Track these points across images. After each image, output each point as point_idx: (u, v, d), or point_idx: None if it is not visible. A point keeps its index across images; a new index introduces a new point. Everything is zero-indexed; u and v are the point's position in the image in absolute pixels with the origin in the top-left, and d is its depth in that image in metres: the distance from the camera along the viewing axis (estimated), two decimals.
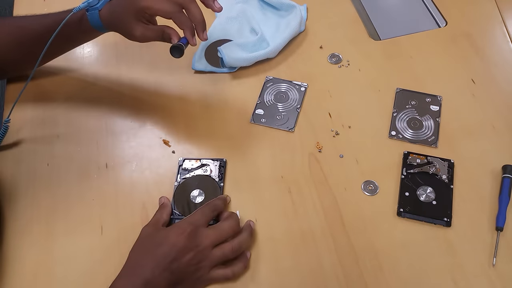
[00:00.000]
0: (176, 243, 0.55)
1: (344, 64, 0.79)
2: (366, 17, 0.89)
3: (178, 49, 0.63)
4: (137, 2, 0.63)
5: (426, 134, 0.70)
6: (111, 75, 0.81)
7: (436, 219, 0.61)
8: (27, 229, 0.63)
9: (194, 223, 0.58)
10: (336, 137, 0.71)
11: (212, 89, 0.78)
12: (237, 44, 0.80)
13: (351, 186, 0.65)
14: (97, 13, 0.66)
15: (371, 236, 0.61)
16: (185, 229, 0.56)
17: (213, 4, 0.66)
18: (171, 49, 0.63)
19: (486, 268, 0.57)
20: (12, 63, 0.73)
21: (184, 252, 0.55)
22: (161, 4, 0.62)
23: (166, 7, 0.62)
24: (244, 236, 0.59)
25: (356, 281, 0.57)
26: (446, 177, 0.65)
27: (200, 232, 0.57)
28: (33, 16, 0.71)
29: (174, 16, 0.63)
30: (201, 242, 0.56)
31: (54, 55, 0.76)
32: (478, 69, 0.77)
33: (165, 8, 0.62)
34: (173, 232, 0.56)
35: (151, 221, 0.61)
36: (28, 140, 0.73)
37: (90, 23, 0.68)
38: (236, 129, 0.73)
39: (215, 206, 0.61)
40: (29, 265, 0.61)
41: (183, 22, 0.63)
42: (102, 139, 0.72)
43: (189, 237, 0.56)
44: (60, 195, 0.67)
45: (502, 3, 0.86)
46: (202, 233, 0.57)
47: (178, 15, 0.63)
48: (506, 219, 0.60)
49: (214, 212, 0.61)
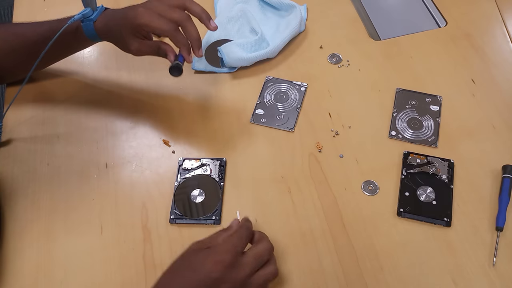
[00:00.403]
0: (212, 272, 0.49)
1: (344, 64, 0.79)
2: (366, 17, 0.89)
3: (177, 68, 0.64)
4: (134, 19, 0.63)
5: (426, 134, 0.70)
6: (111, 76, 0.81)
7: (436, 219, 0.61)
8: (27, 229, 0.64)
9: (232, 251, 0.51)
10: (336, 137, 0.71)
11: (212, 89, 0.78)
12: (237, 44, 0.80)
13: (351, 186, 0.65)
14: (91, 24, 0.67)
15: (371, 236, 0.61)
16: (224, 259, 0.50)
17: (209, 23, 0.66)
18: (170, 69, 0.64)
19: (486, 268, 0.57)
20: (5, 70, 0.73)
21: (218, 283, 0.49)
22: (158, 23, 0.62)
23: (163, 25, 0.62)
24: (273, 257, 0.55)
25: (356, 281, 0.58)
26: (446, 177, 0.65)
27: (239, 261, 0.51)
28: (29, 24, 0.71)
29: (171, 35, 0.63)
30: (239, 274, 0.50)
31: (48, 62, 0.76)
32: (478, 69, 0.77)
33: (162, 27, 0.62)
34: (210, 258, 0.50)
35: (206, 238, 0.55)
36: (28, 140, 0.73)
37: (85, 33, 0.68)
38: (236, 129, 0.73)
39: (249, 229, 0.56)
40: (29, 264, 0.61)
41: (179, 40, 0.63)
42: (102, 139, 0.72)
43: (227, 268, 0.50)
44: (60, 195, 0.67)
45: (502, 3, 0.86)
46: (241, 262, 0.51)
47: (174, 34, 0.63)
48: (506, 219, 0.60)
49: (249, 236, 0.55)
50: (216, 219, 0.63)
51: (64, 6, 0.92)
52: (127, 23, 0.64)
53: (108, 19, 0.67)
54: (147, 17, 0.62)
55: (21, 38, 0.70)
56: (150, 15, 0.62)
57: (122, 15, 0.65)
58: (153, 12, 0.63)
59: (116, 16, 0.66)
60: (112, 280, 0.59)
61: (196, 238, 0.62)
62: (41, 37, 0.68)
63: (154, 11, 0.63)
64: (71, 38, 0.69)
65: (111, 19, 0.66)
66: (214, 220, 0.63)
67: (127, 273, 0.60)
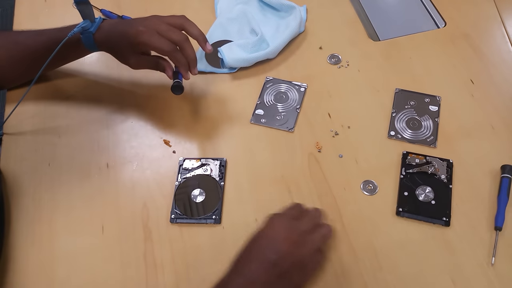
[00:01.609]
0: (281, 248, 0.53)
1: (344, 65, 0.80)
2: (366, 18, 0.90)
3: (178, 87, 0.69)
4: (135, 37, 0.65)
5: (425, 134, 0.70)
6: (112, 76, 0.81)
7: (435, 218, 0.62)
8: (29, 229, 0.64)
9: (302, 233, 0.56)
10: (335, 137, 0.71)
11: (212, 89, 0.78)
12: (237, 45, 0.80)
13: (351, 186, 0.66)
14: (91, 36, 0.68)
15: (370, 236, 0.61)
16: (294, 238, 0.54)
17: (205, 46, 0.69)
18: (172, 88, 0.69)
19: (485, 267, 0.58)
20: (4, 77, 0.74)
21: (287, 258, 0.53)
22: (158, 43, 0.65)
23: (163, 45, 0.65)
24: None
25: (356, 281, 0.58)
26: (445, 177, 0.65)
27: (306, 239, 0.55)
28: (29, 32, 0.72)
29: (171, 55, 0.67)
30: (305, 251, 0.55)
31: (46, 70, 0.75)
32: (477, 70, 0.77)
33: (162, 47, 0.65)
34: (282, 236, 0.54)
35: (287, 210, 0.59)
36: (29, 140, 0.73)
37: (84, 45, 0.69)
38: (236, 129, 0.73)
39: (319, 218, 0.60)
40: (31, 264, 0.61)
41: (179, 60, 0.67)
42: (103, 139, 0.73)
43: (296, 245, 0.54)
44: (61, 195, 0.67)
45: (501, 4, 0.86)
46: (308, 240, 0.55)
47: (174, 54, 0.66)
48: (505, 219, 0.60)
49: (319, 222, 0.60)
50: (216, 219, 0.63)
51: (65, 6, 0.92)
52: (127, 40, 0.66)
53: (108, 32, 0.68)
54: (147, 37, 0.65)
55: (22, 47, 0.71)
56: (151, 34, 0.65)
57: (122, 31, 0.67)
58: (153, 32, 0.65)
59: (116, 30, 0.67)
60: (113, 279, 0.60)
61: (197, 237, 0.62)
62: (41, 47, 0.69)
63: (154, 30, 0.65)
64: (70, 48, 0.70)
65: (111, 33, 0.68)
66: (214, 220, 0.63)
67: (128, 272, 0.60)
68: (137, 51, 0.68)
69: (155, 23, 0.66)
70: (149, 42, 0.65)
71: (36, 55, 0.69)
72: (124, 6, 0.92)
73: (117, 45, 0.68)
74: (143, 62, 0.70)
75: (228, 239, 0.62)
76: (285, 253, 0.53)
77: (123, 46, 0.67)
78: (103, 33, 0.68)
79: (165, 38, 0.65)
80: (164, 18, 0.68)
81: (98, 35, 0.68)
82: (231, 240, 0.62)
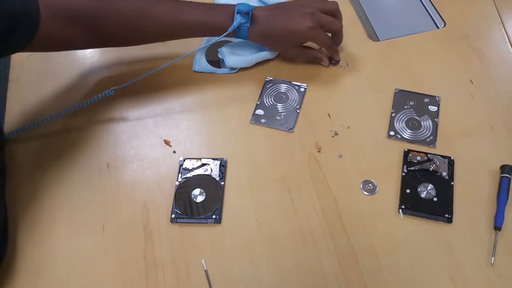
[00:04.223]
0: None
1: (343, 65, 0.80)
2: (365, 18, 0.90)
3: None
4: (304, 34, 0.71)
5: (425, 134, 0.70)
6: (112, 75, 0.81)
7: (438, 215, 0.62)
8: (29, 229, 0.64)
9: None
10: (335, 137, 0.71)
11: (212, 89, 0.78)
12: (237, 45, 0.80)
13: (350, 186, 0.66)
14: (246, 30, 0.71)
15: (370, 236, 0.61)
16: None
17: (334, 56, 0.78)
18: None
19: (484, 267, 0.58)
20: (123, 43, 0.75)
21: None
22: (326, 39, 0.74)
23: (329, 41, 0.74)
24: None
25: (355, 281, 0.58)
26: (446, 174, 0.65)
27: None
28: (167, 5, 0.70)
29: (330, 48, 0.76)
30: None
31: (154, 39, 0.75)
32: (477, 70, 0.78)
33: (328, 43, 0.74)
34: None
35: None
36: (29, 139, 0.73)
37: (235, 35, 0.72)
38: (236, 129, 0.73)
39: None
40: (31, 264, 0.61)
41: (334, 50, 0.77)
42: (103, 139, 0.73)
43: None
44: (61, 195, 0.67)
45: (500, 4, 0.87)
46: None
47: (333, 47, 0.76)
48: (504, 219, 0.60)
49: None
50: (216, 218, 0.63)
51: None
52: (294, 36, 0.72)
53: (265, 27, 0.72)
54: (316, 33, 0.72)
55: (156, 21, 0.69)
56: (318, 30, 0.72)
57: (286, 27, 0.71)
58: (319, 27, 0.71)
59: (277, 26, 0.71)
60: (113, 279, 0.60)
61: (197, 237, 0.63)
62: (181, 26, 0.70)
63: (317, 23, 0.71)
64: (212, 32, 0.71)
65: (270, 30, 0.72)
66: (214, 219, 0.63)
67: (129, 272, 0.60)
68: (301, 44, 0.74)
69: (316, 14, 0.71)
70: (317, 39, 0.72)
71: (173, 31, 0.70)
72: None
73: (278, 39, 0.73)
74: (304, 55, 0.77)
75: (228, 239, 0.62)
76: None
77: (286, 41, 0.72)
78: (259, 27, 0.71)
79: (324, 32, 0.73)
80: (319, 4, 0.73)
81: (253, 29, 0.71)
82: (231, 240, 0.62)
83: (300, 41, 0.74)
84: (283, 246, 0.61)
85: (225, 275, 0.59)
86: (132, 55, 0.83)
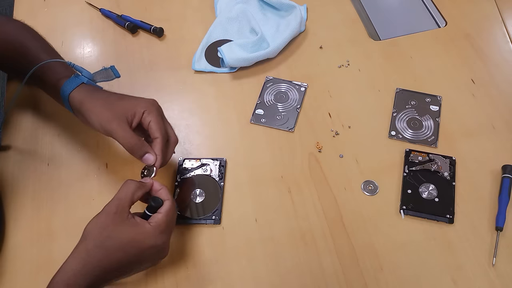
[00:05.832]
0: None
1: (344, 64, 0.79)
2: (366, 17, 0.89)
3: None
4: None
5: (426, 134, 0.70)
6: None
7: (439, 216, 0.61)
8: (28, 229, 0.64)
9: None
10: (336, 137, 0.71)
11: (212, 89, 0.78)
12: (237, 44, 0.80)
13: (351, 186, 0.65)
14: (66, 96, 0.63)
15: (371, 236, 0.61)
16: None
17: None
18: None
19: (486, 267, 0.58)
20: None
21: None
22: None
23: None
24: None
25: (356, 281, 0.58)
26: (448, 174, 0.65)
27: None
28: (39, 43, 0.68)
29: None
30: None
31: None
32: (478, 69, 0.77)
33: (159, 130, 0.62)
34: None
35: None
36: (28, 140, 0.73)
37: (60, 92, 0.64)
38: (236, 129, 0.73)
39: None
40: (29, 264, 0.61)
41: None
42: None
43: None
44: (60, 195, 0.67)
45: (501, 3, 0.86)
46: None
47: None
48: (506, 219, 0.60)
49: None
50: (216, 219, 0.63)
51: (64, 7, 0.92)
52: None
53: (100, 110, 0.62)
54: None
55: (23, 51, 0.67)
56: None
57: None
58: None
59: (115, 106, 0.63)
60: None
61: (196, 237, 0.62)
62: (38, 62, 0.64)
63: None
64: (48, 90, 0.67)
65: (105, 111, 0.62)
66: (214, 220, 0.63)
67: None
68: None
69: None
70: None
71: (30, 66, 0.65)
72: (123, 5, 0.91)
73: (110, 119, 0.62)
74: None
75: (228, 239, 0.62)
76: None
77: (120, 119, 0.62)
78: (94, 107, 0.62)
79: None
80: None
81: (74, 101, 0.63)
82: (231, 240, 0.62)
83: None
84: (283, 246, 0.61)
85: (225, 276, 0.59)
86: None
